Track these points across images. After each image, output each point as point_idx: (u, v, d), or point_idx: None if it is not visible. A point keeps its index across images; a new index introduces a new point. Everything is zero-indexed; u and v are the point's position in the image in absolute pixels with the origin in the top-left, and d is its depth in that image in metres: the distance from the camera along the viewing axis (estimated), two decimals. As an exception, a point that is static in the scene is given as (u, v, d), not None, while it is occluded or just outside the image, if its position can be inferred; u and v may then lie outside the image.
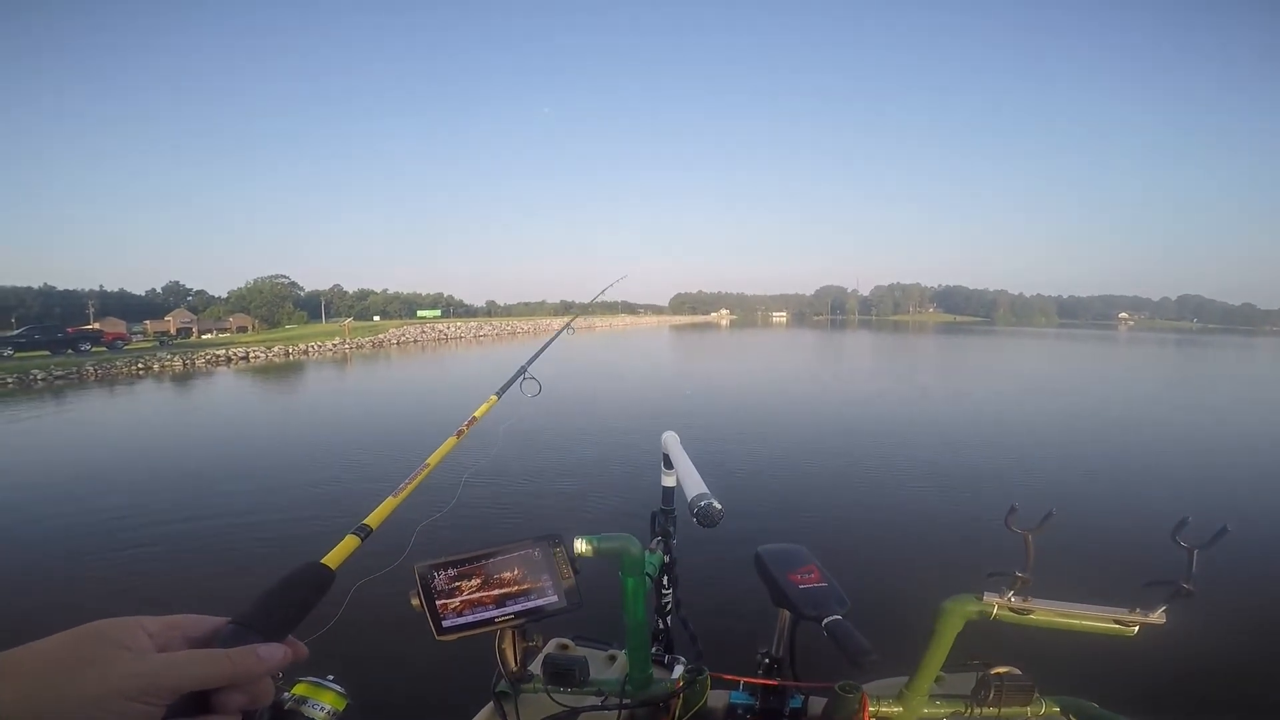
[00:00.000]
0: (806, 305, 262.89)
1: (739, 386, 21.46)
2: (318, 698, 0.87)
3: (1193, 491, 8.62)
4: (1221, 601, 4.25)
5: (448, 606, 0.98)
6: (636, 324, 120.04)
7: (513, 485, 8.37)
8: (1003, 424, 14.05)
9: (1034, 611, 1.24)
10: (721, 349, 47.32)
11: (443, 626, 0.98)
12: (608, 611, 1.36)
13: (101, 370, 28.09)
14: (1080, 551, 5.61)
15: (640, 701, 1.40)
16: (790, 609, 1.34)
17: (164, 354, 34.56)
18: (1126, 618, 1.21)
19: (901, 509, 7.59)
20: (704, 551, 4.47)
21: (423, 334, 61.11)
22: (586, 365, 27.44)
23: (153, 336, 54.72)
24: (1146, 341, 66.94)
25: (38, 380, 24.86)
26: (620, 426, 13.16)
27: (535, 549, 1.06)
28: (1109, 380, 26.01)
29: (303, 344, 43.60)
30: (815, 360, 36.08)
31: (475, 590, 1.01)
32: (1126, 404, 17.93)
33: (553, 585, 1.05)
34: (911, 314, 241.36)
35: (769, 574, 1.42)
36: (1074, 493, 8.30)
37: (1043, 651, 1.55)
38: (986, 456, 10.58)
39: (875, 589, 4.82)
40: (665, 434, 1.64)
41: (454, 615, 0.98)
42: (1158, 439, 12.71)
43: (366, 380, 27.76)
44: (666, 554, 1.69)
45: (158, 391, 22.88)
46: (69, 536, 6.98)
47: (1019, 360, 37.76)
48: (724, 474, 8.91)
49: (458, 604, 1.02)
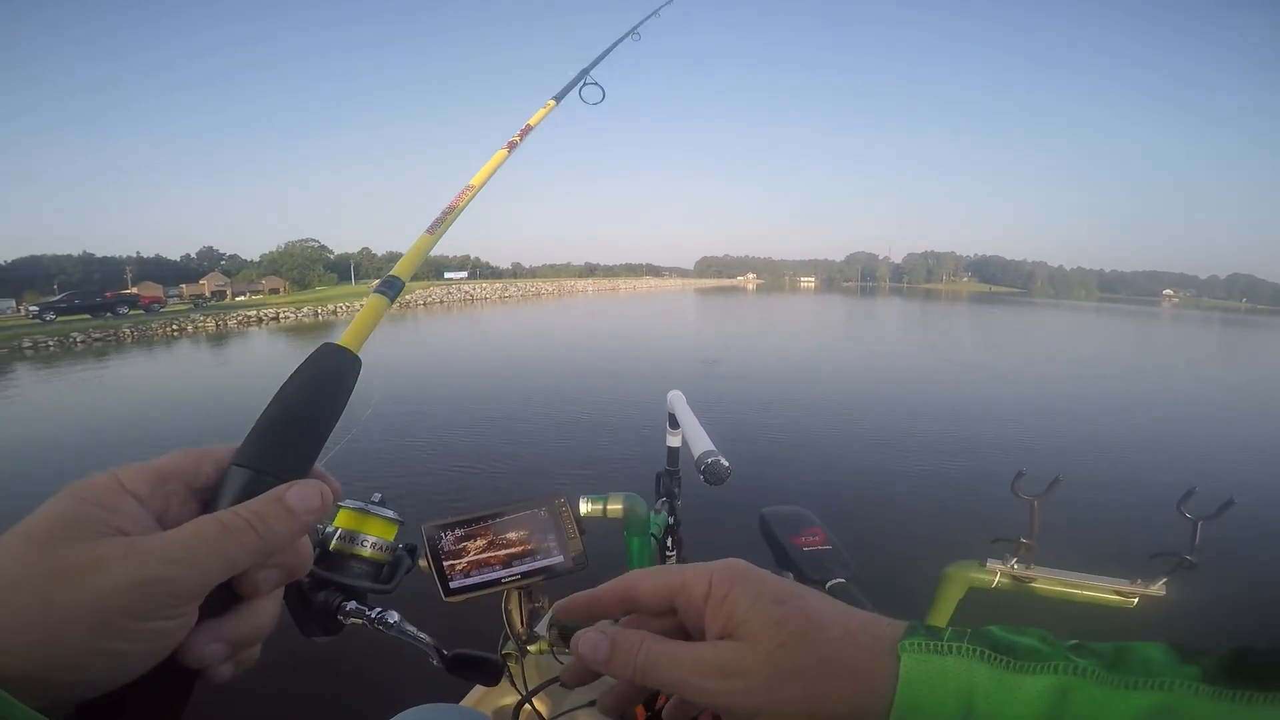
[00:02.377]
0: (836, 271, 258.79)
1: (748, 350, 21.29)
2: (366, 529, 0.66)
3: (1206, 464, 8.40)
4: (1224, 575, 4.13)
5: (455, 568, 1.00)
6: (660, 287, 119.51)
7: (515, 443, 8.41)
8: (1019, 392, 13.81)
9: (1035, 579, 1.25)
10: (741, 313, 46.90)
11: (450, 588, 0.99)
12: (613, 573, 1.36)
13: (138, 332, 28.81)
14: (1086, 520, 5.51)
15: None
16: (794, 572, 1.31)
17: (197, 316, 35.32)
18: (1127, 589, 1.20)
19: (909, 473, 7.51)
20: (708, 513, 4.36)
21: (448, 294, 61.58)
22: (601, 326, 27.43)
23: (188, 299, 55.87)
24: (1189, 319, 64.83)
25: (77, 343, 25.52)
26: (628, 388, 13.09)
27: (541, 509, 1.07)
28: (1136, 354, 25.41)
29: (332, 305, 44.22)
30: (832, 325, 35.69)
31: (482, 551, 1.02)
32: (1149, 377, 17.51)
33: (559, 546, 1.06)
34: (945, 282, 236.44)
35: (773, 536, 1.40)
36: (1084, 462, 8.12)
37: (1041, 621, 1.57)
38: (997, 424, 10.41)
39: (880, 553, 4.78)
40: (671, 393, 1.58)
41: (461, 576, 1.00)
42: (1177, 412, 12.40)
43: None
44: (671, 515, 1.65)
45: (191, 351, 23.49)
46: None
47: (1046, 331, 36.97)
48: (730, 435, 8.68)
49: (464, 565, 1.03)
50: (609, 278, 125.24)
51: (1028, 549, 1.20)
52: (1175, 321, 58.63)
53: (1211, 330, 48.69)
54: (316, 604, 0.47)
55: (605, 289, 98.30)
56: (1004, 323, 43.26)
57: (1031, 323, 43.32)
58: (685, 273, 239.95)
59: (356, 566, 0.47)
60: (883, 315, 48.02)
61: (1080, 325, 44.08)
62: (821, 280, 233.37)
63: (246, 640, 0.36)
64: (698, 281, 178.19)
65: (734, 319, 40.80)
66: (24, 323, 31.26)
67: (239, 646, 0.36)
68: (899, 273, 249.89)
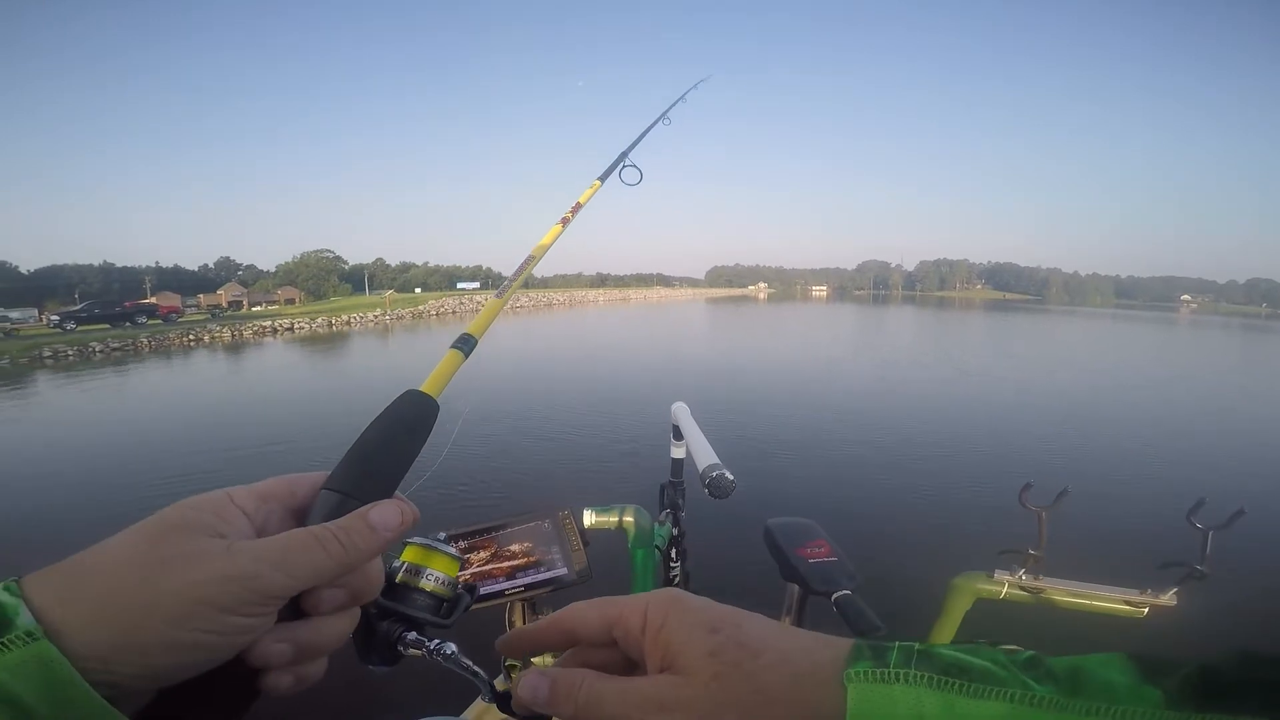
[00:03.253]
0: (848, 280, 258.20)
1: (753, 361, 21.29)
2: (430, 564, 0.64)
3: (1218, 474, 8.25)
4: (1235, 585, 4.08)
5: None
6: (671, 296, 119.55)
7: (519, 455, 8.43)
8: (1026, 402, 13.72)
9: (1044, 590, 1.24)
10: (750, 323, 46.83)
11: (454, 600, 0.99)
12: (617, 585, 1.32)
13: (155, 341, 29.19)
14: (1094, 531, 5.44)
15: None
16: (799, 583, 1.30)
17: (213, 326, 35.80)
18: (1137, 599, 1.19)
19: (916, 484, 7.46)
20: (712, 525, 4.31)
21: (461, 305, 61.98)
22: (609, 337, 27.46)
23: (205, 309, 56.56)
24: (1206, 325, 63.91)
25: (96, 352, 25.90)
26: (631, 397, 13.14)
27: (545, 521, 1.07)
28: (1145, 362, 25.15)
29: (345, 315, 44.62)
30: (839, 334, 35.53)
31: (485, 563, 1.02)
32: (1157, 385, 17.22)
33: (562, 558, 1.06)
34: (958, 290, 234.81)
35: (778, 548, 1.38)
36: (1092, 472, 8.05)
37: (1050, 633, 1.57)
38: (1005, 434, 10.34)
39: (887, 565, 4.74)
40: (675, 404, 1.56)
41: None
42: (1186, 420, 12.24)
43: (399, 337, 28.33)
44: (675, 527, 1.64)
45: (205, 362, 23.74)
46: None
47: (1057, 338, 36.63)
48: (735, 448, 8.73)
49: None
50: (620, 288, 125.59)
51: (1036, 560, 1.19)
52: (1191, 328, 57.88)
53: (1230, 336, 47.88)
54: (380, 633, 0.50)
55: (616, 299, 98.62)
56: (1013, 330, 42.93)
57: (1041, 330, 42.93)
58: (696, 282, 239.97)
59: (420, 599, 0.50)
60: (893, 323, 47.80)
61: (1090, 333, 43.61)
62: (833, 289, 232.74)
63: (311, 649, 0.38)
64: (708, 291, 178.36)
65: (739, 329, 40.79)
66: (46, 332, 31.79)
67: (303, 653, 0.37)
68: (912, 281, 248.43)
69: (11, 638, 0.29)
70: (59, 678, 0.29)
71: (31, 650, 0.29)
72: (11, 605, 0.30)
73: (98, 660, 0.30)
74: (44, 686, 0.29)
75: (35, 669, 0.29)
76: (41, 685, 0.29)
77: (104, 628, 0.30)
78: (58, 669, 0.29)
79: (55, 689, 0.29)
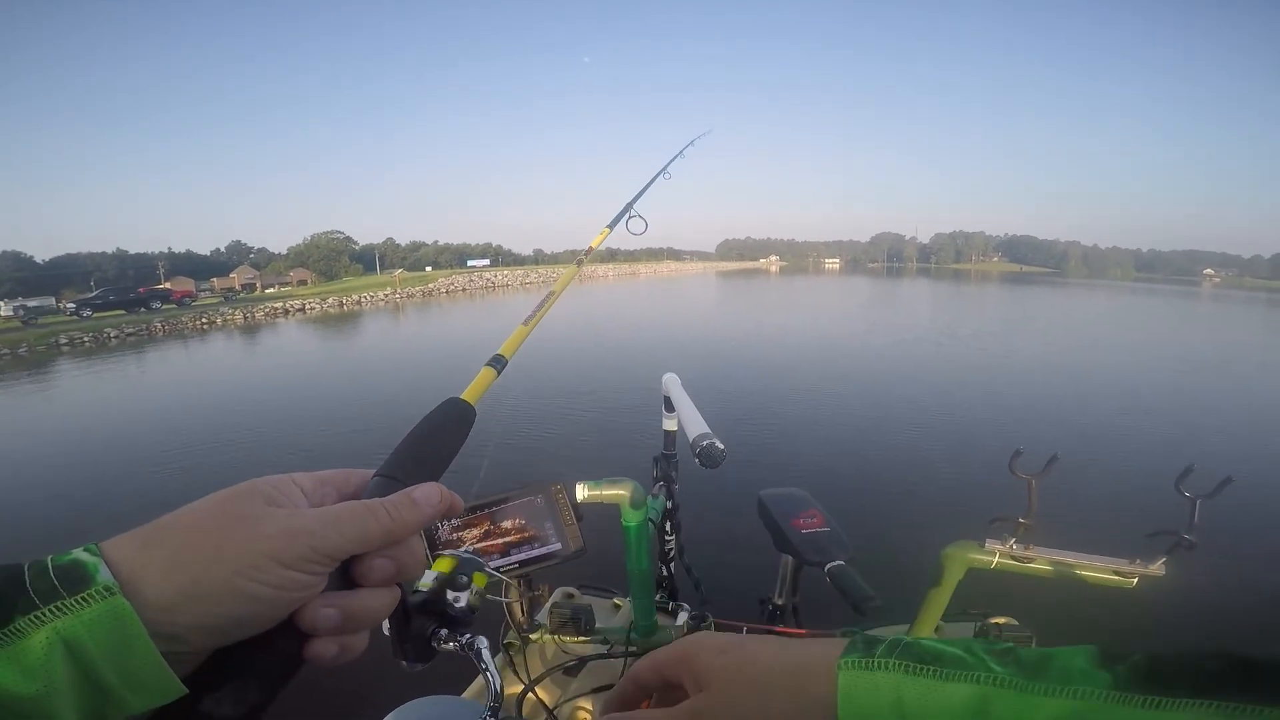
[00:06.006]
0: (862, 252, 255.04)
1: (748, 334, 21.25)
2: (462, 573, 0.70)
3: (1209, 442, 8.19)
4: (1223, 553, 4.11)
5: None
6: (681, 270, 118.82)
7: (513, 430, 8.39)
8: (1020, 371, 13.67)
9: (1035, 559, 1.23)
10: (754, 296, 46.51)
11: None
12: (611, 559, 1.36)
13: (169, 326, 29.53)
14: (1084, 499, 5.42)
15: (646, 649, 1.40)
16: (793, 554, 1.32)
17: (226, 309, 36.11)
18: (1126, 569, 1.19)
19: (907, 454, 7.46)
20: (706, 496, 4.36)
21: (470, 282, 62.00)
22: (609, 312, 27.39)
23: (219, 293, 56.94)
24: (1227, 299, 62.62)
25: (111, 338, 26.23)
26: (627, 370, 13.10)
27: (538, 496, 1.08)
28: (1152, 334, 24.78)
29: (356, 295, 44.83)
30: (842, 307, 35.28)
31: (478, 540, 1.03)
32: (1157, 356, 16.99)
33: (556, 533, 1.07)
34: (974, 263, 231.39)
35: (771, 519, 1.39)
36: (1083, 439, 8.01)
37: (1041, 602, 1.54)
38: (998, 403, 10.31)
39: (880, 534, 4.73)
40: (666, 375, 1.54)
41: (458, 567, 1.01)
42: (1179, 389, 12.12)
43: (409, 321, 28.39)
44: (669, 499, 1.64)
45: (216, 345, 23.97)
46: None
47: (1065, 311, 36.10)
48: (727, 418, 8.76)
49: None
50: (629, 262, 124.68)
51: (1026, 528, 1.19)
52: (1212, 301, 56.73)
53: (1252, 310, 46.98)
54: (415, 627, 0.55)
55: (626, 273, 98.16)
56: (1023, 303, 42.33)
57: (1052, 303, 42.31)
58: (707, 256, 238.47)
59: (453, 605, 0.57)
60: (904, 296, 47.38)
61: (1106, 306, 42.96)
62: (846, 261, 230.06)
63: (356, 618, 0.41)
64: (719, 265, 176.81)
65: (745, 301, 40.55)
66: (62, 320, 32.21)
67: (349, 622, 0.41)
68: (926, 253, 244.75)
69: (91, 592, 0.32)
70: (129, 634, 0.32)
71: (107, 605, 0.32)
72: (92, 563, 0.33)
73: (164, 609, 0.33)
74: (113, 644, 0.31)
75: (109, 624, 0.31)
76: (111, 642, 0.31)
77: (176, 576, 0.34)
78: (129, 625, 0.32)
79: (122, 646, 0.32)
